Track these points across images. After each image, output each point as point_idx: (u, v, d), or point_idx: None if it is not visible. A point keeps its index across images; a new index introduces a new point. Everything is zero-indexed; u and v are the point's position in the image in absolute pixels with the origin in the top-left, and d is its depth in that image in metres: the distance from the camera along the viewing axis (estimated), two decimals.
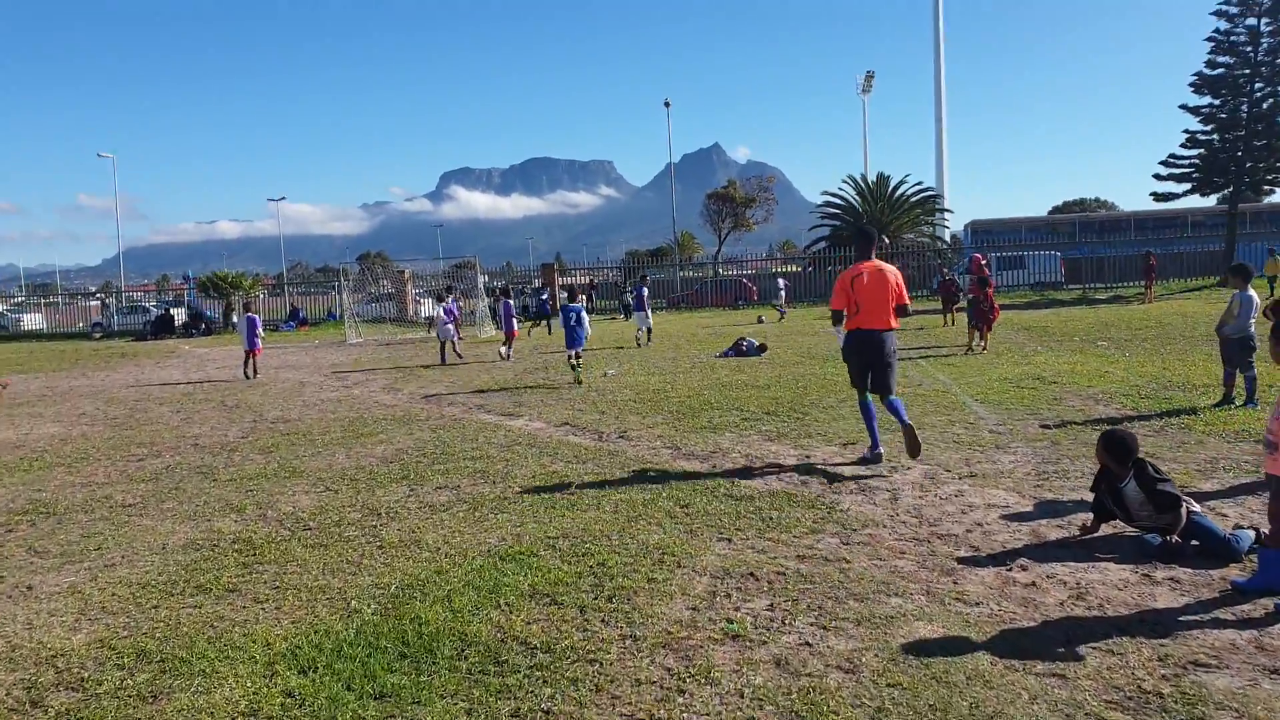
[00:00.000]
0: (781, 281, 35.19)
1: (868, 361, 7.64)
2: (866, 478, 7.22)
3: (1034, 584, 4.74)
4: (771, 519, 6.12)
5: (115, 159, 62.13)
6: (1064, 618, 4.28)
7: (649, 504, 6.63)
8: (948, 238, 54.52)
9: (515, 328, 20.64)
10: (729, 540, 5.71)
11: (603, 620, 4.48)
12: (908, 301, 7.72)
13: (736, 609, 4.57)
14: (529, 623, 4.47)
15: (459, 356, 19.84)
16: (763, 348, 17.68)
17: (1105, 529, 5.53)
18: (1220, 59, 34.46)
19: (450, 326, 19.98)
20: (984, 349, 16.03)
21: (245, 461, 9.17)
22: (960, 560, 5.18)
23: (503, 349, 19.74)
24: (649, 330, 22.41)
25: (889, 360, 7.60)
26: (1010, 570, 4.98)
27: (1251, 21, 33.63)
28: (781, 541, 5.64)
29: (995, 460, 7.62)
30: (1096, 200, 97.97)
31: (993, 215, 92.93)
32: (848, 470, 7.51)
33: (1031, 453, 7.82)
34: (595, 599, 4.76)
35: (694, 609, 4.59)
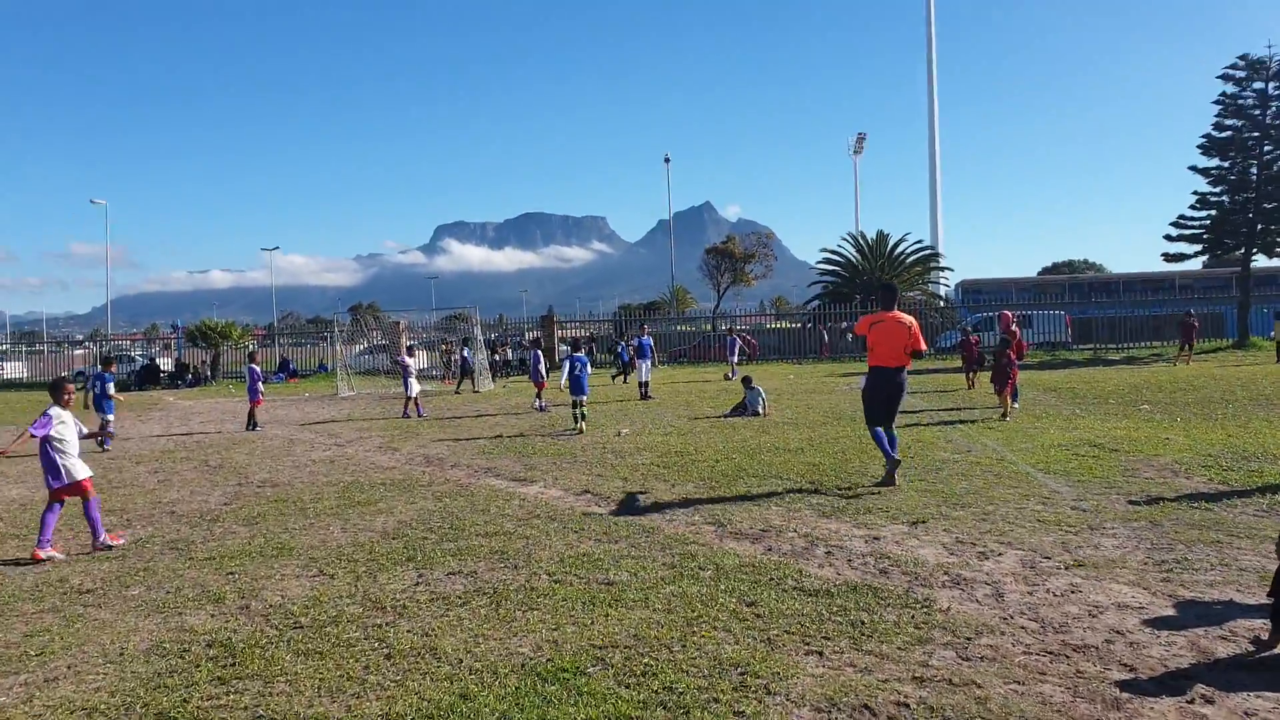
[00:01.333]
0: (736, 340, 29.61)
1: (884, 394, 8.95)
2: (955, 566, 6.17)
3: None
4: (863, 624, 5.06)
5: (107, 205, 61.49)
6: None
7: (708, 600, 5.56)
8: (945, 296, 53.98)
9: (544, 379, 20.23)
10: (819, 654, 4.64)
11: None
12: (923, 348, 8.96)
13: None
14: None
15: (408, 413, 19.41)
16: (748, 383, 17.08)
17: None
18: (1228, 121, 34.13)
19: (411, 381, 19.79)
20: (1014, 410, 14.98)
21: (227, 535, 8.06)
22: (1121, 686, 4.13)
23: (537, 401, 19.50)
24: (646, 385, 21.73)
25: (899, 394, 8.96)
26: (1193, 703, 3.93)
27: (1260, 85, 33.38)
28: (885, 656, 4.57)
29: (1097, 545, 6.58)
30: (1085, 262, 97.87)
31: (982, 275, 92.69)
32: (929, 556, 6.46)
33: (1134, 536, 6.79)
34: None
35: None
